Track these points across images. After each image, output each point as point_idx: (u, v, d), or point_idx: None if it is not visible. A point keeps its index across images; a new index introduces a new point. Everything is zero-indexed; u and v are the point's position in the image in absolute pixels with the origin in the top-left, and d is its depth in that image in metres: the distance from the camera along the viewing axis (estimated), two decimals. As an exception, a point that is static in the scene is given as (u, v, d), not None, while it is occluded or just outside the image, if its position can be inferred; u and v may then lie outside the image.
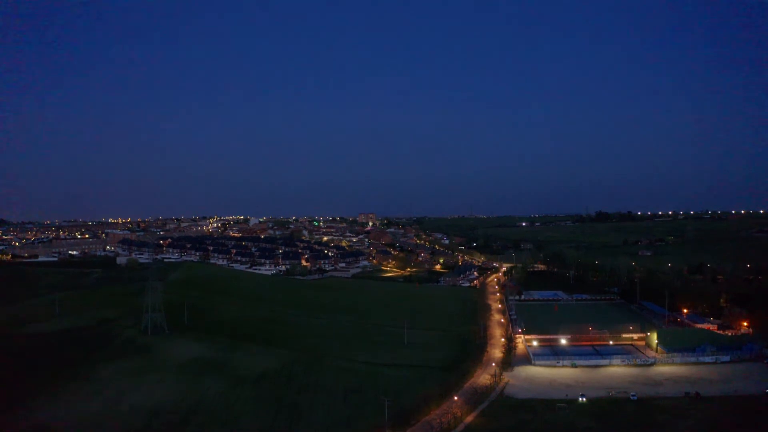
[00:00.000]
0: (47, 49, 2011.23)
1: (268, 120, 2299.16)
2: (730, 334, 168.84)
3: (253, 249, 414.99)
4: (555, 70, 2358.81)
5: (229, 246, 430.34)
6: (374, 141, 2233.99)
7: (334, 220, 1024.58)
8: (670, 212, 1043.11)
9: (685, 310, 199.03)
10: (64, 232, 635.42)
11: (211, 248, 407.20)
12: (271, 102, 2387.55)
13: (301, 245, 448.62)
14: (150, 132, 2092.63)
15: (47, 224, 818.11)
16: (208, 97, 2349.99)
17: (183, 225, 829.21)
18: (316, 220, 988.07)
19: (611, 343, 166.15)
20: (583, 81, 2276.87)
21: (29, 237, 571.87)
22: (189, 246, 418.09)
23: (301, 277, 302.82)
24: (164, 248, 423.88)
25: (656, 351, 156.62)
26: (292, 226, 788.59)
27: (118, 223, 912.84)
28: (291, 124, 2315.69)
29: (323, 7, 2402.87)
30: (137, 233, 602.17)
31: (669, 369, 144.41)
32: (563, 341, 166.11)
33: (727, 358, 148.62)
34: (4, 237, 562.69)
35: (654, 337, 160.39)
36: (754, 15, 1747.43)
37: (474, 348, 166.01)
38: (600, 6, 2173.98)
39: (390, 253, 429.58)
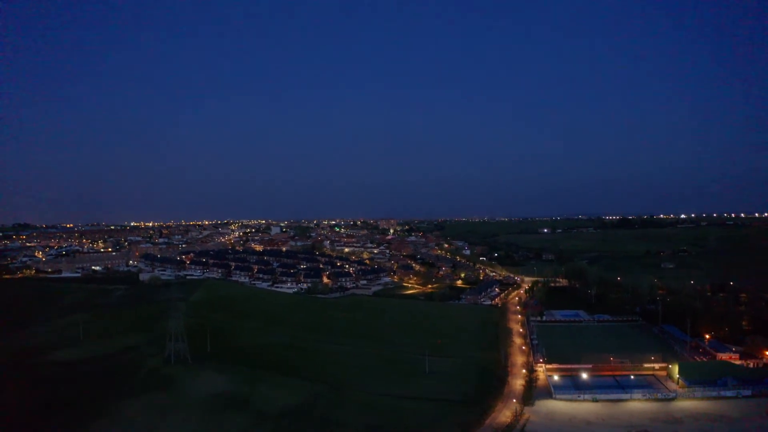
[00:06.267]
0: (67, 50, 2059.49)
1: (289, 122, 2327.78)
2: (752, 364, 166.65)
3: (274, 264, 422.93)
4: (575, 73, 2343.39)
5: (251, 262, 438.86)
6: (395, 143, 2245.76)
7: (355, 224, 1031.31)
8: (693, 215, 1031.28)
9: (707, 336, 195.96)
10: (86, 240, 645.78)
11: (233, 265, 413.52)
12: (292, 104, 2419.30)
13: (323, 260, 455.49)
14: (171, 134, 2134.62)
15: (70, 228, 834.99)
16: (229, 99, 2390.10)
17: (205, 232, 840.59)
18: (337, 226, 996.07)
19: (632, 377, 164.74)
20: (605, 81, 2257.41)
21: (52, 245, 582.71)
22: (211, 262, 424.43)
23: (322, 296, 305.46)
24: (187, 264, 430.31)
25: (677, 384, 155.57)
26: (313, 234, 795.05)
27: (140, 227, 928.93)
28: (312, 125, 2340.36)
29: (345, 11, 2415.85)
30: (159, 245, 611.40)
31: (690, 404, 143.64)
32: (584, 375, 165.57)
33: (748, 392, 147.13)
34: (28, 244, 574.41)
35: (675, 370, 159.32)
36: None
37: (495, 379, 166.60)
38: (624, 7, 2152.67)
39: (411, 267, 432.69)
